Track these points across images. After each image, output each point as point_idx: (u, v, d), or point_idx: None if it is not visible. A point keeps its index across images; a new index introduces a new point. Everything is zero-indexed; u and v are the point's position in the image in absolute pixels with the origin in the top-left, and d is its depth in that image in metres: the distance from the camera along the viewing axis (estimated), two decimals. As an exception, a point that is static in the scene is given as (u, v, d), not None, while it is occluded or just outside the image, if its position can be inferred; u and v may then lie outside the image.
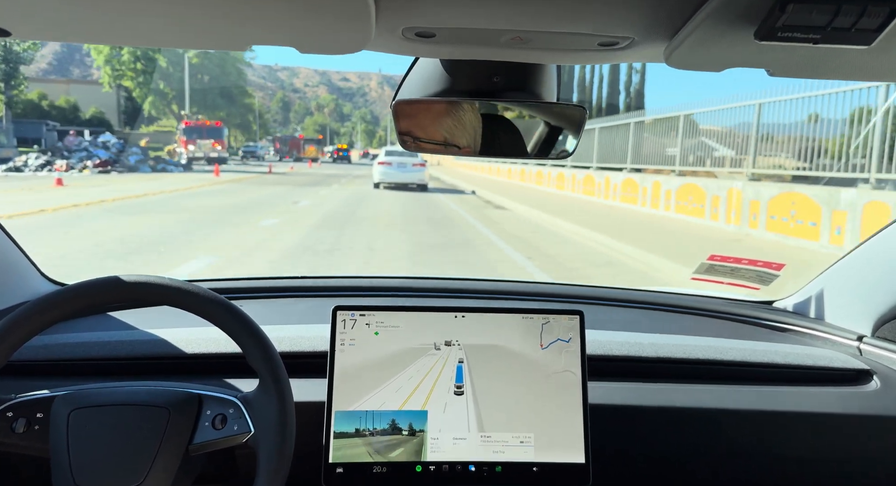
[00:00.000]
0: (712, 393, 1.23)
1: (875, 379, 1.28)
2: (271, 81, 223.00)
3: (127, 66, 48.11)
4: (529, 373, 1.10)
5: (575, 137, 1.08)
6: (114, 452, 0.87)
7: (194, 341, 1.20)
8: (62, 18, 0.72)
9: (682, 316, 1.63)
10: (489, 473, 1.06)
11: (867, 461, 1.25)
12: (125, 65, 47.83)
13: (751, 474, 1.25)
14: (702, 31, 0.68)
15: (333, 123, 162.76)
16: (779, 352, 1.32)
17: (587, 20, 0.72)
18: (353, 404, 1.06)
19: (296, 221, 11.85)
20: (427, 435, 1.06)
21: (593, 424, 1.09)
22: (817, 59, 0.75)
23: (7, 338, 0.88)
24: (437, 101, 1.02)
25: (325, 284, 1.67)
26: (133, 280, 0.93)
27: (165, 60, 50.25)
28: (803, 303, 1.61)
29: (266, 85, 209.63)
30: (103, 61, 47.47)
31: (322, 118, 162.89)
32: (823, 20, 0.59)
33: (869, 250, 1.44)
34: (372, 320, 1.10)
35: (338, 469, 1.04)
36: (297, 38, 0.76)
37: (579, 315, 1.13)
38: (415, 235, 10.33)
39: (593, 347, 1.24)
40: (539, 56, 0.90)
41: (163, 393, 0.93)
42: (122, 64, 47.51)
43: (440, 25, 0.75)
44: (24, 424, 0.90)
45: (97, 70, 53.76)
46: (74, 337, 1.22)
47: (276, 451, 0.88)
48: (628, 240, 9.38)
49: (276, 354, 0.93)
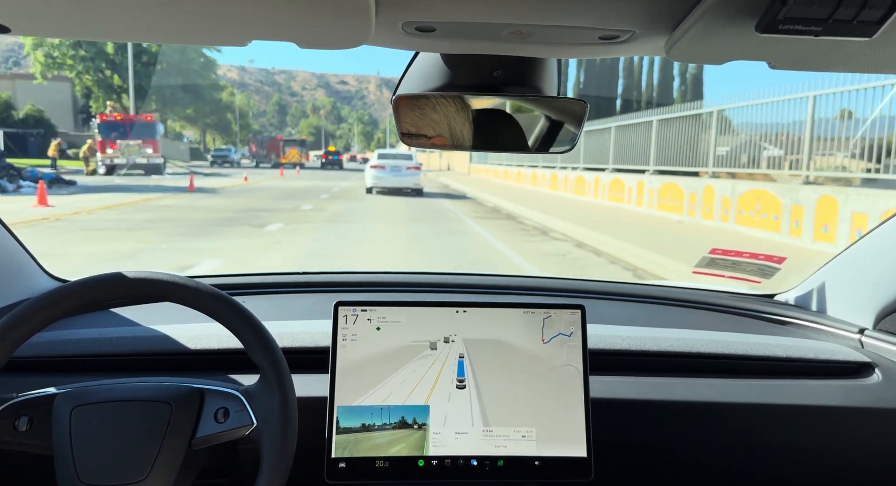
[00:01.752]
0: (714, 387, 1.23)
1: (877, 372, 1.29)
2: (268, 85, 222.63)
3: (64, 53, 38.14)
4: (531, 367, 1.10)
5: (576, 131, 1.08)
6: (117, 448, 0.87)
7: (196, 337, 1.20)
8: (61, 15, 0.72)
9: (683, 310, 1.63)
10: (491, 467, 1.06)
11: (869, 453, 1.25)
12: (61, 50, 37.74)
13: (753, 467, 1.25)
14: (703, 23, 0.68)
15: (330, 125, 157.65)
16: (780, 345, 1.32)
17: (588, 13, 0.72)
18: (355, 399, 1.06)
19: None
20: (429, 430, 1.06)
21: (595, 418, 1.09)
22: (818, 51, 0.75)
23: (9, 335, 0.89)
24: (437, 95, 1.02)
25: (326, 279, 1.67)
26: (135, 276, 0.93)
27: (113, 46, 39.01)
28: (805, 296, 1.61)
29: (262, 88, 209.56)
30: (32, 46, 37.44)
31: (317, 120, 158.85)
32: (825, 12, 0.59)
33: (870, 242, 1.44)
34: (373, 316, 1.10)
35: (340, 464, 1.04)
36: (297, 32, 0.76)
37: (581, 309, 1.13)
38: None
39: (595, 341, 1.24)
40: (540, 50, 0.90)
41: (165, 388, 0.93)
42: (56, 49, 37.58)
43: (440, 20, 0.75)
44: (27, 422, 0.90)
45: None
46: (77, 334, 1.22)
47: (279, 443, 0.88)
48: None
49: (277, 348, 0.94)
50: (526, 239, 10.67)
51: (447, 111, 1.03)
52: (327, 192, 20.98)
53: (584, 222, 11.58)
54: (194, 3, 0.67)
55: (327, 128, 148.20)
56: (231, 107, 67.91)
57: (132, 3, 0.67)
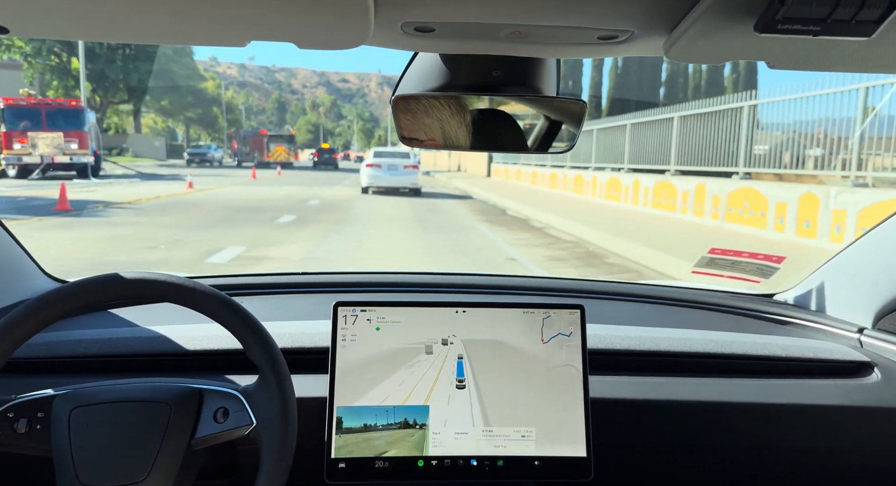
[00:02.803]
0: (713, 387, 1.23)
1: (876, 371, 1.29)
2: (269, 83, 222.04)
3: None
4: (531, 367, 1.10)
5: (575, 131, 1.08)
6: (116, 449, 0.87)
7: (195, 337, 1.20)
8: (60, 15, 0.71)
9: (682, 310, 1.63)
10: (491, 467, 1.06)
11: (868, 453, 1.25)
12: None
13: (752, 467, 1.25)
14: (701, 23, 0.68)
15: (329, 123, 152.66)
16: (780, 345, 1.32)
17: (586, 13, 0.72)
18: (354, 399, 1.06)
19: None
20: (429, 430, 1.06)
21: (594, 418, 1.09)
22: (817, 51, 0.75)
23: (8, 335, 0.88)
24: (436, 96, 1.02)
25: (325, 280, 1.67)
26: (133, 277, 0.93)
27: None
28: (804, 296, 1.61)
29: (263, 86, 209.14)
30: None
31: (316, 117, 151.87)
32: (823, 12, 0.59)
33: (869, 242, 1.44)
34: (373, 316, 1.10)
35: (340, 465, 1.04)
36: (296, 33, 0.76)
37: (580, 309, 1.13)
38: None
39: (594, 341, 1.24)
40: (538, 50, 0.90)
41: (163, 388, 0.93)
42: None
43: (439, 20, 0.75)
44: (26, 424, 0.90)
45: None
46: (75, 334, 1.22)
47: (278, 444, 0.88)
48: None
49: (277, 349, 0.93)
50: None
51: (446, 111, 1.03)
52: (299, 208, 13.88)
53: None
54: (193, 4, 0.67)
55: (326, 125, 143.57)
56: (219, 100, 59.97)
57: (131, 4, 0.67)
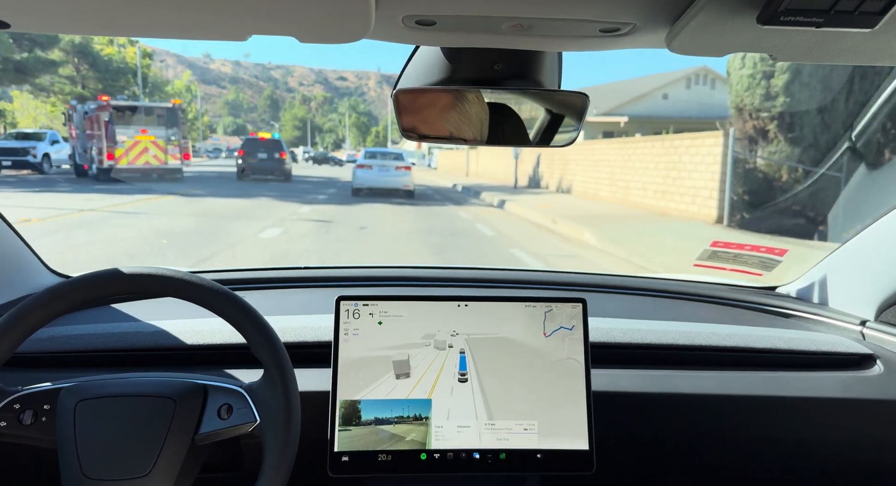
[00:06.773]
0: (715, 379, 1.23)
1: (878, 364, 1.29)
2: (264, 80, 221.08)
3: None
4: (533, 361, 1.10)
5: (577, 124, 1.07)
6: (121, 442, 0.88)
7: (198, 332, 1.20)
8: (60, 10, 0.71)
9: (684, 303, 1.63)
10: (493, 460, 1.07)
11: (870, 445, 1.25)
12: None
13: (754, 458, 1.25)
14: (704, 16, 0.68)
15: (320, 118, 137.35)
16: (782, 337, 1.32)
17: (588, 6, 0.72)
18: (357, 393, 1.07)
19: None
20: (432, 423, 1.07)
21: (597, 411, 1.10)
22: (820, 42, 0.75)
23: (12, 330, 0.89)
24: (438, 90, 1.01)
25: (328, 274, 1.67)
26: (136, 272, 0.93)
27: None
28: (806, 288, 1.61)
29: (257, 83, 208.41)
30: None
31: (302, 111, 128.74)
32: (826, 3, 0.59)
33: (872, 234, 1.44)
34: (375, 310, 1.10)
35: (343, 458, 1.04)
36: (297, 26, 0.76)
37: (582, 303, 1.13)
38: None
39: (596, 334, 1.24)
40: (540, 43, 0.90)
41: (168, 384, 0.93)
42: None
43: (440, 13, 0.75)
44: (32, 416, 0.90)
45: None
46: (79, 329, 1.22)
47: (281, 440, 0.88)
48: None
49: (280, 344, 0.94)
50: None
51: (447, 105, 1.03)
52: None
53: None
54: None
55: (316, 121, 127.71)
56: (137, 73, 37.54)
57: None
